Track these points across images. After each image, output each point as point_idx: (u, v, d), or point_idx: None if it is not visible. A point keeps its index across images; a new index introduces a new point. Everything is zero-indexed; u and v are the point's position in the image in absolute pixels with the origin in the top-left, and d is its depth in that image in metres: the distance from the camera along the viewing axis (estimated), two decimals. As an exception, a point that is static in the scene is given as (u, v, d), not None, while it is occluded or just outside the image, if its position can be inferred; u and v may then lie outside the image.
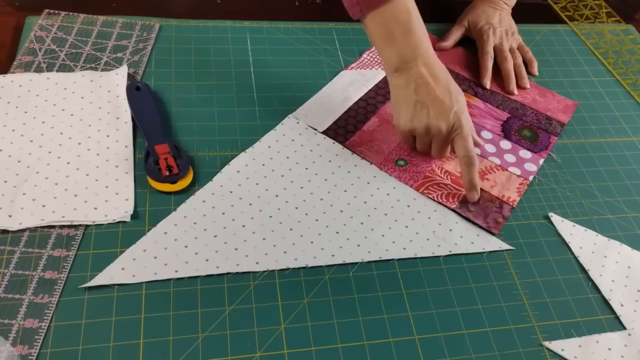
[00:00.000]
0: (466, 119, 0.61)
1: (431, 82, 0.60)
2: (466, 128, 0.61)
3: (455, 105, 0.60)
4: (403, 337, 0.51)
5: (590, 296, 0.58)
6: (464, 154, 0.61)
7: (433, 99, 0.60)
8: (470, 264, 0.58)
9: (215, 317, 0.50)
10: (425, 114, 0.60)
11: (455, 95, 0.61)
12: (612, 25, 0.94)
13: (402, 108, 0.62)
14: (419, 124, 0.61)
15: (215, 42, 0.75)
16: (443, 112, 0.60)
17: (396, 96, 0.62)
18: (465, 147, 0.61)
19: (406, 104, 0.61)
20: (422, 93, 0.60)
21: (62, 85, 0.64)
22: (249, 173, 0.61)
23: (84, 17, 0.73)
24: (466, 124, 0.61)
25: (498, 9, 0.82)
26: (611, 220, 0.65)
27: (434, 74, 0.60)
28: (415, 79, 0.60)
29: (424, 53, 0.60)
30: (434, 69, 0.60)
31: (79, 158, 0.58)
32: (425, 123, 0.61)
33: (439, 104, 0.60)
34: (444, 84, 0.60)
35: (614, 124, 0.77)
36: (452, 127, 0.60)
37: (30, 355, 0.45)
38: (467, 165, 0.61)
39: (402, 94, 0.61)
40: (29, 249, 0.52)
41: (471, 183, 0.61)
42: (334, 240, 0.57)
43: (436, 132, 0.61)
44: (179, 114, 0.66)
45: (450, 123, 0.60)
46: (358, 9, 0.59)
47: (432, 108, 0.60)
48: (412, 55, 0.60)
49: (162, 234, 0.54)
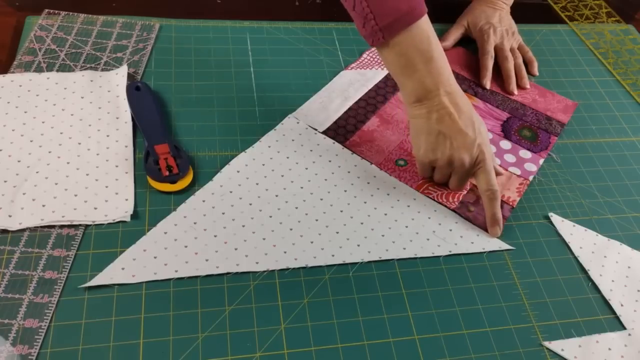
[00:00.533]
0: (489, 152, 0.59)
1: (454, 113, 0.57)
2: (489, 161, 0.59)
3: (478, 138, 0.58)
4: (403, 337, 0.51)
5: (590, 296, 0.58)
6: (487, 188, 0.59)
7: (456, 130, 0.57)
8: (470, 264, 0.58)
9: (215, 317, 0.50)
10: (448, 145, 0.58)
11: (478, 126, 0.59)
12: (612, 25, 0.94)
13: (422, 138, 0.59)
14: (442, 155, 0.59)
15: (215, 42, 0.75)
16: (466, 144, 0.58)
17: (416, 126, 0.60)
18: (489, 180, 0.59)
19: (427, 135, 0.59)
20: (445, 124, 0.57)
21: (62, 85, 0.64)
22: (249, 173, 0.61)
23: (84, 17, 0.73)
24: (489, 157, 0.59)
25: (497, 8, 0.82)
26: (611, 220, 0.65)
27: (456, 104, 0.58)
28: (438, 109, 0.58)
29: (446, 81, 0.58)
30: (457, 98, 0.58)
31: (79, 158, 0.58)
32: (448, 155, 0.58)
33: (462, 136, 0.58)
34: (467, 115, 0.58)
35: (614, 124, 0.77)
36: (476, 160, 0.59)
37: (30, 355, 0.45)
38: (490, 200, 0.59)
39: (423, 125, 0.59)
40: (29, 248, 0.52)
41: (494, 217, 0.59)
42: (334, 240, 0.57)
43: (459, 164, 0.59)
44: (179, 114, 0.66)
45: (474, 156, 0.58)
46: (380, 36, 0.55)
47: (456, 140, 0.58)
48: (434, 85, 0.57)
49: (162, 234, 0.54)
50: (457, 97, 0.58)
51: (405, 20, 0.54)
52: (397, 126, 0.69)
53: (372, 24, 0.55)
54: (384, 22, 0.54)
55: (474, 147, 0.58)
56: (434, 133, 0.58)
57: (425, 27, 0.56)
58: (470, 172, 0.60)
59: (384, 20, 0.54)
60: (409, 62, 0.57)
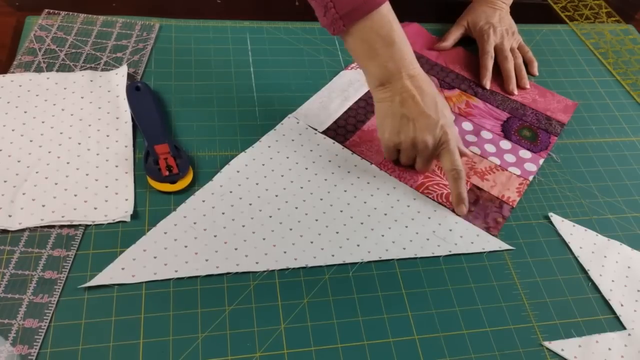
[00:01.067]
0: (452, 133, 0.60)
1: (417, 96, 0.58)
2: (453, 142, 0.60)
3: (441, 119, 0.59)
4: (403, 337, 0.51)
5: (590, 296, 0.58)
6: (452, 168, 0.60)
7: (419, 112, 0.59)
8: (470, 264, 0.58)
9: (215, 317, 0.50)
10: (411, 127, 0.59)
11: (441, 108, 0.60)
12: (612, 25, 0.94)
13: (387, 122, 0.61)
14: (406, 137, 0.60)
15: (215, 42, 0.75)
16: (429, 126, 0.59)
17: (381, 110, 0.61)
18: (453, 160, 0.60)
19: (392, 118, 0.60)
20: (408, 106, 0.59)
21: (62, 85, 0.64)
22: (249, 173, 0.61)
23: (84, 17, 0.73)
24: (452, 138, 0.60)
25: (497, 8, 0.82)
26: (611, 220, 0.65)
27: (419, 87, 0.59)
28: (401, 92, 0.59)
29: (408, 65, 0.59)
30: (420, 81, 0.59)
31: (78, 158, 0.58)
32: (412, 137, 0.59)
33: (425, 118, 0.59)
34: (430, 97, 0.59)
35: (614, 124, 0.77)
36: (439, 142, 0.60)
37: (30, 355, 0.45)
38: (455, 179, 0.60)
39: (388, 108, 0.60)
40: (29, 248, 0.52)
41: (459, 197, 0.61)
42: (334, 240, 0.57)
43: (422, 146, 0.60)
44: (179, 114, 0.66)
45: (437, 137, 0.59)
46: (341, 24, 0.56)
47: (419, 122, 0.59)
48: (397, 69, 0.58)
49: (162, 234, 0.54)
50: (420, 81, 0.59)
51: (365, 7, 0.55)
52: (397, 126, 0.69)
53: (333, 13, 0.56)
54: (343, 10, 0.55)
55: (436, 129, 0.59)
56: (397, 116, 0.59)
57: (386, 12, 0.57)
58: (434, 153, 0.61)
59: (344, 9, 0.55)
60: (370, 48, 0.58)
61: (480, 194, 0.64)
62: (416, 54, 0.79)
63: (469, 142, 0.69)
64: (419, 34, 0.83)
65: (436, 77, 0.77)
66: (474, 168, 0.66)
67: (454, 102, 0.74)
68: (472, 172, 0.66)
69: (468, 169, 0.66)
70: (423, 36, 0.83)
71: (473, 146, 0.69)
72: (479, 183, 0.65)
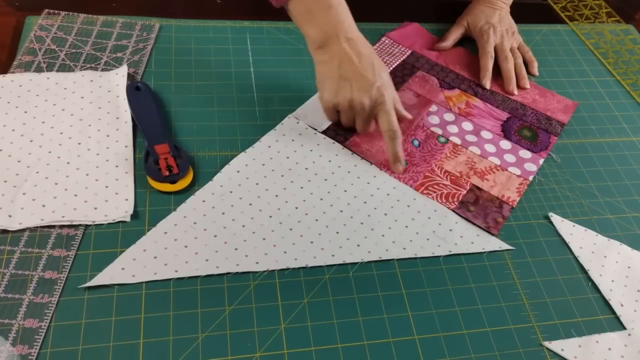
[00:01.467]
0: (389, 94, 0.62)
1: (354, 58, 0.61)
2: (388, 103, 0.62)
3: (378, 81, 0.61)
4: (403, 337, 0.51)
5: (590, 296, 0.58)
6: (388, 128, 0.62)
7: (356, 74, 0.61)
8: (470, 264, 0.58)
9: (215, 317, 0.50)
10: (348, 89, 0.61)
11: (378, 70, 0.62)
12: (612, 25, 0.94)
13: (325, 83, 0.63)
14: (343, 99, 0.62)
15: (215, 42, 0.75)
16: (366, 87, 0.61)
17: (320, 72, 0.64)
18: (389, 121, 0.62)
19: (330, 80, 0.62)
20: (345, 68, 0.61)
21: (62, 85, 0.64)
22: (249, 173, 0.61)
23: (84, 17, 0.73)
24: (389, 99, 0.62)
25: (497, 8, 0.82)
26: (611, 220, 0.65)
27: (357, 49, 0.61)
28: (339, 54, 0.61)
29: (347, 28, 0.62)
30: (357, 45, 0.62)
31: (79, 158, 0.58)
32: (349, 98, 0.62)
33: (362, 80, 0.61)
34: (367, 60, 0.62)
35: (614, 124, 0.77)
36: (375, 102, 0.62)
37: (30, 355, 0.45)
38: (391, 139, 0.62)
39: (326, 70, 0.62)
40: (29, 248, 0.52)
41: (396, 155, 0.63)
42: (334, 240, 0.57)
43: (359, 107, 0.62)
44: (179, 114, 0.66)
45: (373, 98, 0.61)
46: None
47: (355, 83, 0.61)
48: (334, 31, 0.61)
49: (162, 234, 0.54)
50: (357, 44, 0.62)
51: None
52: (397, 126, 0.69)
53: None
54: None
55: (372, 90, 0.61)
56: (335, 77, 0.62)
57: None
58: (371, 114, 0.63)
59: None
60: (309, 12, 0.62)
61: (480, 194, 0.64)
62: (416, 54, 0.79)
63: (469, 142, 0.69)
64: (419, 34, 0.83)
65: (436, 77, 0.77)
66: (474, 168, 0.66)
67: (454, 102, 0.74)
68: (472, 172, 0.66)
69: (468, 168, 0.66)
70: (423, 36, 0.83)
71: (473, 146, 0.69)
72: (479, 183, 0.65)
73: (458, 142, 0.69)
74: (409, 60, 0.79)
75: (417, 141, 0.68)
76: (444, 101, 0.74)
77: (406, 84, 0.75)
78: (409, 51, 0.80)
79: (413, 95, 0.73)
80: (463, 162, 0.66)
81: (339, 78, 0.61)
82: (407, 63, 0.78)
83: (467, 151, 0.68)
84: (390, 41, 0.81)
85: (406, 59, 0.78)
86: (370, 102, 0.61)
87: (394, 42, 0.81)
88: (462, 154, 0.67)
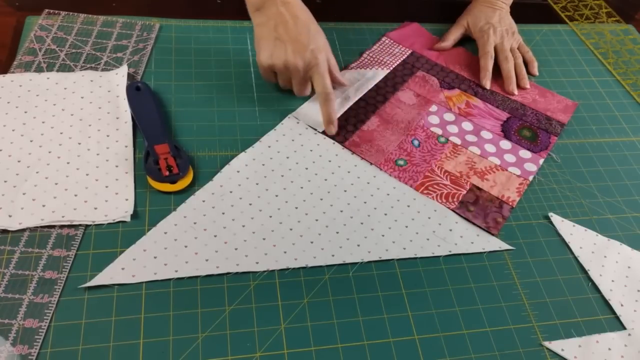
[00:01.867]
0: (322, 58, 0.64)
1: (290, 21, 0.63)
2: (322, 65, 0.64)
3: (312, 44, 0.63)
4: (403, 337, 0.51)
5: (590, 296, 0.58)
6: (321, 91, 0.64)
7: (291, 37, 0.63)
8: (470, 264, 0.58)
9: (215, 317, 0.50)
10: (283, 50, 0.63)
11: (313, 33, 0.64)
12: (612, 25, 0.94)
13: (262, 45, 0.65)
14: (278, 60, 0.64)
15: (215, 42, 0.75)
16: (300, 49, 0.63)
17: (257, 33, 0.65)
18: (323, 84, 0.64)
19: (266, 41, 0.64)
20: (281, 30, 0.63)
21: (62, 85, 0.64)
22: (249, 173, 0.61)
23: (84, 17, 0.73)
24: (322, 62, 0.64)
25: (497, 8, 0.82)
26: (611, 220, 0.65)
27: (293, 13, 0.64)
28: (275, 17, 0.64)
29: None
30: (294, 8, 0.64)
31: (79, 158, 0.58)
32: (284, 59, 0.63)
33: (296, 42, 0.63)
34: (303, 23, 0.64)
35: (614, 124, 0.77)
36: (309, 65, 0.64)
37: (30, 355, 0.45)
38: (325, 101, 0.64)
39: (263, 32, 0.65)
40: (29, 248, 0.52)
41: (329, 117, 0.65)
42: (334, 240, 0.57)
43: (293, 68, 0.64)
44: (179, 114, 0.66)
45: (307, 60, 0.63)
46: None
47: (290, 45, 0.63)
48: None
49: (162, 234, 0.54)
50: (294, 7, 0.65)
51: None
52: (397, 126, 0.69)
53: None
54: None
55: (306, 52, 0.63)
56: (271, 39, 0.64)
57: None
58: (306, 76, 0.65)
59: None
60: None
61: (480, 194, 0.64)
62: (416, 54, 0.79)
63: (469, 142, 0.69)
64: (419, 34, 0.83)
65: (436, 77, 0.77)
66: (474, 168, 0.66)
67: (454, 102, 0.74)
68: (472, 172, 0.66)
69: (468, 168, 0.66)
70: (423, 36, 0.83)
71: (473, 146, 0.69)
72: (479, 183, 0.65)
73: (458, 142, 0.69)
74: (409, 60, 0.79)
75: (417, 141, 0.68)
76: (444, 101, 0.74)
77: (406, 84, 0.75)
78: (409, 51, 0.80)
79: (413, 95, 0.74)
80: (463, 162, 0.66)
81: (274, 40, 0.64)
82: (407, 63, 0.78)
83: (467, 151, 0.68)
84: (390, 41, 0.81)
85: (406, 59, 0.79)
86: (304, 64, 0.63)
87: (394, 42, 0.81)
88: (462, 154, 0.68)
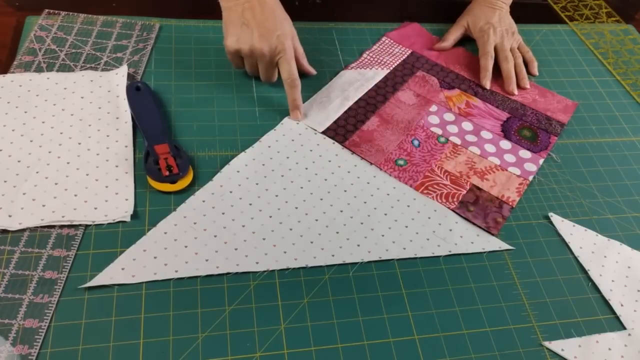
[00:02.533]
0: (289, 44, 0.65)
1: (257, 7, 0.64)
2: (289, 52, 0.65)
3: (278, 30, 0.64)
4: (403, 337, 0.51)
5: (590, 296, 0.58)
6: (287, 77, 0.65)
7: (258, 22, 0.64)
8: (470, 264, 0.58)
9: (215, 317, 0.50)
10: (249, 35, 0.64)
11: (280, 20, 0.65)
12: (612, 25, 0.94)
13: (229, 29, 0.65)
14: (244, 45, 0.65)
15: (215, 42, 0.75)
16: (266, 35, 0.64)
17: (226, 18, 0.66)
18: (289, 70, 0.65)
19: (233, 26, 0.65)
20: (248, 16, 0.64)
21: (62, 85, 0.64)
22: (249, 173, 0.61)
23: (84, 17, 0.73)
24: (289, 48, 0.65)
25: (497, 8, 0.82)
26: (611, 220, 0.65)
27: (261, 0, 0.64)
28: (243, 2, 0.64)
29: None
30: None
31: (79, 158, 0.58)
32: (250, 45, 0.64)
33: (262, 28, 0.64)
34: (270, 9, 0.65)
35: (614, 124, 0.77)
36: (275, 50, 0.64)
37: (30, 355, 0.45)
38: (291, 87, 0.66)
39: (230, 16, 0.65)
40: (29, 248, 0.52)
41: (294, 103, 0.66)
42: (334, 240, 0.57)
43: (260, 54, 0.65)
44: (179, 114, 0.66)
45: (273, 46, 0.64)
46: None
47: (256, 30, 0.64)
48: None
49: (162, 234, 0.54)
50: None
51: None
52: (397, 126, 0.69)
53: None
54: None
55: (273, 38, 0.64)
56: (238, 24, 0.65)
57: None
58: (272, 62, 0.66)
59: None
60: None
61: (480, 194, 0.64)
62: (416, 54, 0.79)
63: (469, 142, 0.69)
64: (419, 34, 0.83)
65: (436, 77, 0.77)
66: (473, 168, 0.66)
67: (454, 102, 0.74)
68: (472, 172, 0.66)
69: (468, 168, 0.66)
70: (423, 36, 0.83)
71: (473, 146, 0.69)
72: (478, 183, 0.65)
73: (458, 142, 0.69)
74: (409, 60, 0.79)
75: (417, 141, 0.68)
76: (444, 101, 0.74)
77: (406, 84, 0.75)
78: (409, 51, 0.80)
79: (413, 95, 0.74)
80: (463, 162, 0.66)
81: (241, 25, 0.64)
82: (407, 63, 0.78)
83: (467, 151, 0.68)
84: (390, 41, 0.81)
85: (406, 59, 0.79)
86: (270, 50, 0.64)
87: (394, 42, 0.81)
88: (462, 154, 0.68)
